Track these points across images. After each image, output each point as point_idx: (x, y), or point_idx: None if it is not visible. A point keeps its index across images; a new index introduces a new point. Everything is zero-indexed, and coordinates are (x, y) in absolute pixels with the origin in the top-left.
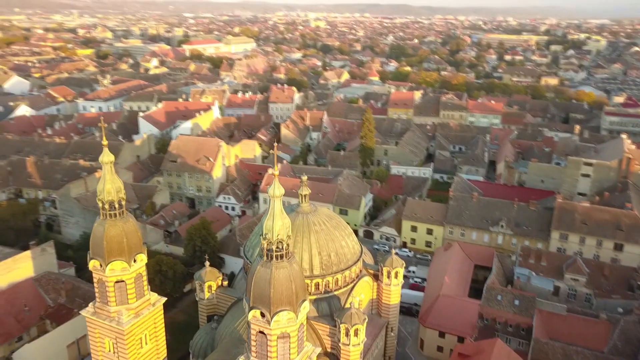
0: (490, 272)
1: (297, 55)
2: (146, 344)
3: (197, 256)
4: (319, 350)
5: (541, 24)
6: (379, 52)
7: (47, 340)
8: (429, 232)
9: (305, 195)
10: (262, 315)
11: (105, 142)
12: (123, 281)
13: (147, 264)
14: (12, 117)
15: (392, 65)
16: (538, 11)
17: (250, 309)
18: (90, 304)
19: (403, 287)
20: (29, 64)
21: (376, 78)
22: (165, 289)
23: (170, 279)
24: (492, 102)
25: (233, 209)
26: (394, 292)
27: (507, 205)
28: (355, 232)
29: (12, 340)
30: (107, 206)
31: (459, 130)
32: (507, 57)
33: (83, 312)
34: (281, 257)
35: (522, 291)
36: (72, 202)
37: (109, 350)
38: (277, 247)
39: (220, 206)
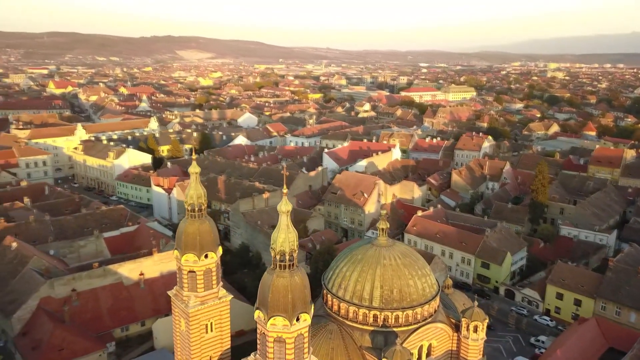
0: None
1: (519, 105)
2: (211, 331)
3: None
4: None
5: None
6: (616, 106)
7: None
8: (577, 302)
9: (383, 229)
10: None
11: (194, 156)
12: (194, 272)
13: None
14: (230, 144)
15: (629, 120)
16: None
17: (256, 309)
18: (175, 287)
19: (526, 356)
20: (267, 104)
21: (592, 133)
22: None
23: None
24: None
25: None
26: (473, 347)
27: None
28: (496, 289)
29: (160, 315)
30: (189, 208)
31: None
32: None
33: (169, 292)
34: (284, 267)
35: None
36: (239, 216)
37: (183, 329)
38: (281, 258)
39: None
